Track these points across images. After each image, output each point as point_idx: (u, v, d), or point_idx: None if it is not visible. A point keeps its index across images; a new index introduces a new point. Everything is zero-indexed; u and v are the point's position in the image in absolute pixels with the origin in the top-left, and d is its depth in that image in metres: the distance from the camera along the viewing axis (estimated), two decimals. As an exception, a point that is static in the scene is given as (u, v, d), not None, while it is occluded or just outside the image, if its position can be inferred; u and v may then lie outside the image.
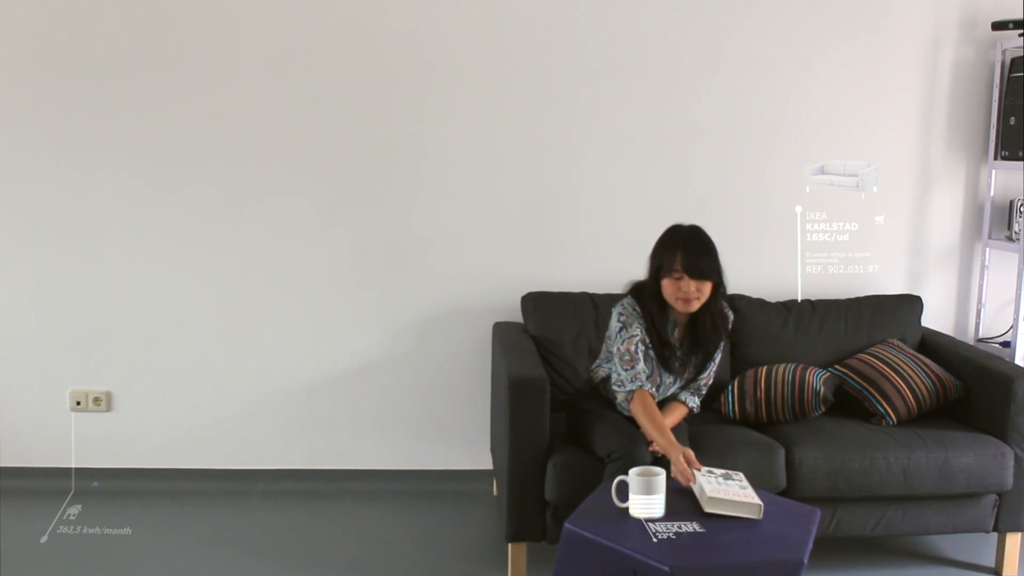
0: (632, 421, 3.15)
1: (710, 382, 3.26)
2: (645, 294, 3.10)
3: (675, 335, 3.13)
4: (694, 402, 3.24)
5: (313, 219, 3.91)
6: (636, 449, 2.93)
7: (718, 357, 3.23)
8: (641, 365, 3.06)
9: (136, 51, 3.79)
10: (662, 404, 3.21)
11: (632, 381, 3.07)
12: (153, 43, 3.79)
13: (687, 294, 2.98)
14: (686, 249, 2.99)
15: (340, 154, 3.89)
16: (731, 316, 3.21)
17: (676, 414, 3.18)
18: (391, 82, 3.85)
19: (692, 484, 2.70)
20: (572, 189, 3.94)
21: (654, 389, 3.14)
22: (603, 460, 2.99)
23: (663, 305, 3.07)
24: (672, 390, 3.22)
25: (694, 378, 3.23)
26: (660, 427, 2.95)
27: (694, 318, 3.10)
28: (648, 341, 3.08)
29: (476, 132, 3.89)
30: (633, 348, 3.06)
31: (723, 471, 2.68)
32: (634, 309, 3.10)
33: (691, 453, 2.82)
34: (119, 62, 3.79)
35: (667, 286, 3.02)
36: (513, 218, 3.95)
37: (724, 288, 3.08)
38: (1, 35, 3.77)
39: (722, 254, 3.93)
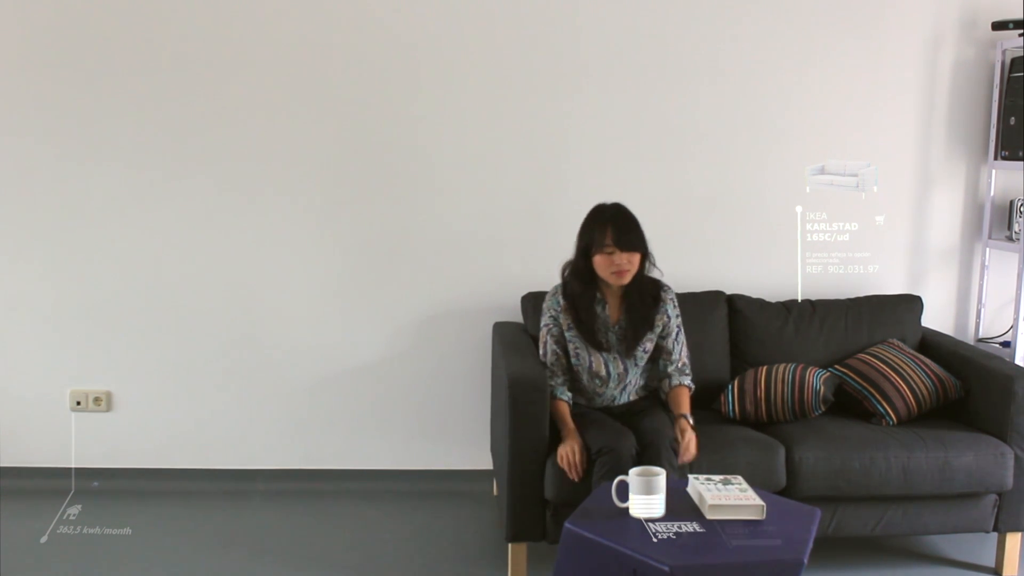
0: (619, 418, 3.22)
1: (684, 358, 3.30)
2: (570, 275, 3.24)
3: (606, 312, 3.23)
4: (685, 379, 3.28)
5: (313, 219, 3.91)
6: (621, 444, 3.00)
7: (681, 335, 3.29)
8: (548, 360, 3.25)
9: (138, 51, 3.79)
10: (648, 402, 3.28)
11: (550, 379, 3.22)
12: (157, 43, 3.79)
13: (619, 266, 3.13)
14: (615, 224, 3.14)
15: (340, 154, 3.89)
16: (673, 308, 3.29)
17: (684, 398, 3.24)
18: (391, 83, 3.85)
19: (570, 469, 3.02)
20: (572, 189, 3.94)
21: (611, 392, 3.27)
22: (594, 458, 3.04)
23: (591, 280, 3.20)
24: (632, 379, 3.27)
25: (637, 340, 3.25)
26: (565, 424, 3.16)
27: (627, 292, 3.22)
28: (569, 323, 3.23)
29: (476, 132, 3.89)
30: (542, 343, 3.30)
31: (721, 477, 2.68)
32: (554, 295, 3.28)
33: (578, 448, 3.04)
34: (120, 62, 3.79)
35: (600, 262, 3.15)
36: (513, 218, 3.95)
37: (650, 257, 3.22)
38: (5, 33, 3.77)
39: (722, 254, 3.99)
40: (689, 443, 3.08)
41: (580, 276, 3.22)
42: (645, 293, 3.24)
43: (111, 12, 3.77)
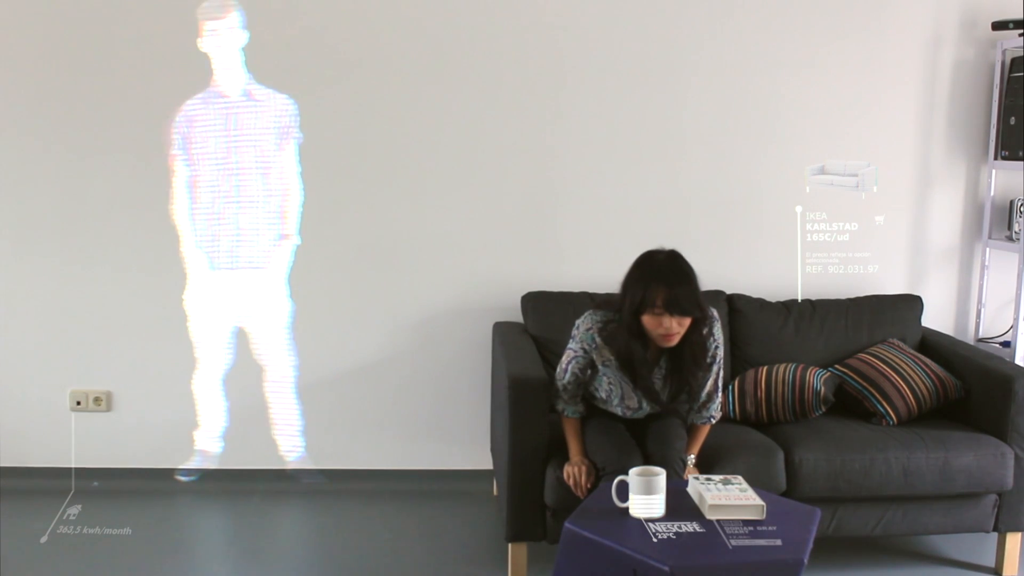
0: (633, 425, 3.16)
1: (714, 386, 3.10)
2: (623, 327, 2.95)
3: (647, 356, 3.00)
4: (702, 418, 3.12)
5: (313, 219, 3.91)
6: (627, 460, 2.93)
7: (715, 369, 3.08)
8: (564, 381, 3.09)
9: (131, 50, 3.79)
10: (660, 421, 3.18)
11: (559, 397, 3.11)
12: (151, 43, 3.79)
13: (668, 330, 2.86)
14: (668, 284, 2.84)
15: (339, 154, 3.88)
16: (713, 344, 3.02)
17: (697, 439, 3.14)
18: (390, 83, 3.85)
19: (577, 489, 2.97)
20: (572, 189, 3.94)
21: (625, 410, 3.14)
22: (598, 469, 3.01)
23: (640, 336, 2.94)
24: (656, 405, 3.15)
25: (675, 397, 3.10)
26: (575, 442, 3.08)
27: (673, 348, 2.97)
28: (605, 360, 3.03)
29: (475, 132, 3.89)
30: (565, 364, 3.09)
31: (721, 477, 2.68)
32: (588, 331, 3.02)
33: (585, 470, 2.98)
34: (120, 60, 3.79)
35: (648, 321, 2.87)
36: (513, 218, 3.95)
37: (705, 317, 2.95)
38: (7, 30, 3.78)
39: (722, 254, 3.97)
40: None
41: (632, 332, 2.92)
42: (697, 351, 2.96)
43: (99, 11, 3.77)
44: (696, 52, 3.90)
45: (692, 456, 3.11)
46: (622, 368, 3.03)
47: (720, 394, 3.14)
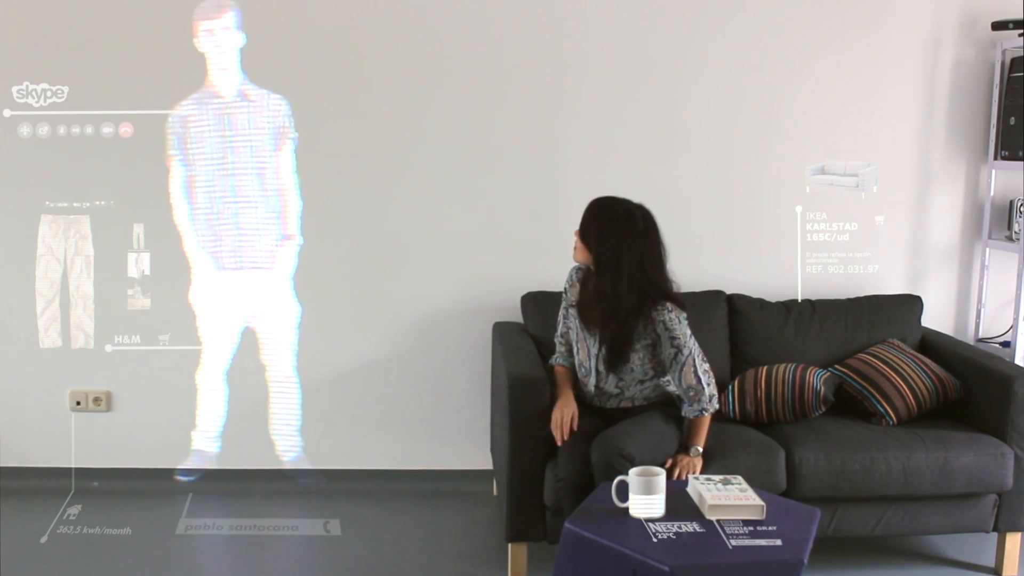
0: (612, 420, 3.15)
1: (693, 381, 3.07)
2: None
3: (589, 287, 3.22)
4: (694, 411, 3.11)
5: (313, 219, 3.91)
6: (571, 460, 3.00)
7: (681, 356, 3.06)
8: (557, 335, 3.33)
9: (127, 49, 3.79)
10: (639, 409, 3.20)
11: (556, 351, 3.33)
12: (142, 47, 3.79)
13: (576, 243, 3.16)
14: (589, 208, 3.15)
15: (339, 154, 3.89)
16: (663, 327, 3.05)
17: (694, 430, 3.13)
18: (390, 83, 3.85)
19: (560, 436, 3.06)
20: (572, 189, 3.92)
21: (591, 386, 3.19)
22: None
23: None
24: (625, 388, 3.16)
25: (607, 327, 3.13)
26: (561, 387, 3.22)
27: (609, 305, 3.09)
28: (572, 301, 3.26)
29: (476, 132, 3.89)
30: (559, 314, 3.34)
31: (721, 476, 2.68)
32: (572, 270, 3.31)
33: (574, 412, 3.09)
34: (126, 59, 3.79)
35: None
36: (512, 218, 3.95)
37: (607, 265, 3.05)
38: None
39: (723, 254, 3.98)
40: (681, 472, 3.03)
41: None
42: (629, 308, 3.04)
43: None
44: (696, 53, 3.90)
45: (699, 447, 3.12)
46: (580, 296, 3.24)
47: (708, 386, 3.11)
